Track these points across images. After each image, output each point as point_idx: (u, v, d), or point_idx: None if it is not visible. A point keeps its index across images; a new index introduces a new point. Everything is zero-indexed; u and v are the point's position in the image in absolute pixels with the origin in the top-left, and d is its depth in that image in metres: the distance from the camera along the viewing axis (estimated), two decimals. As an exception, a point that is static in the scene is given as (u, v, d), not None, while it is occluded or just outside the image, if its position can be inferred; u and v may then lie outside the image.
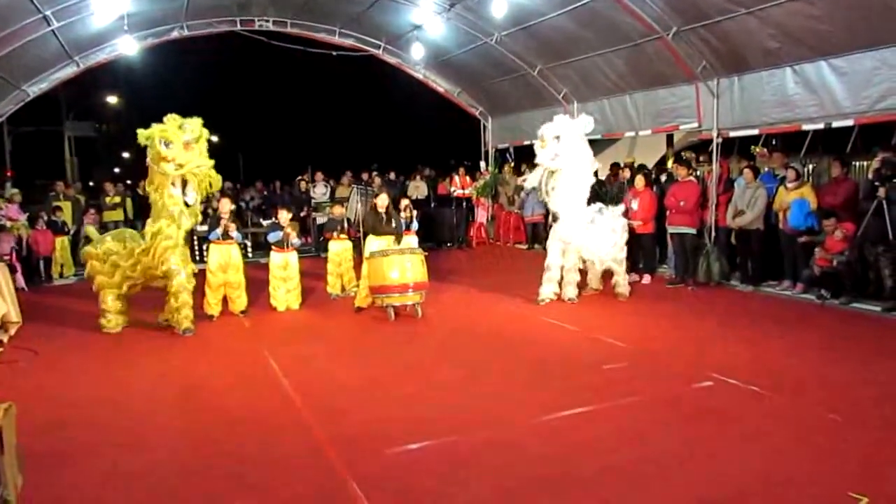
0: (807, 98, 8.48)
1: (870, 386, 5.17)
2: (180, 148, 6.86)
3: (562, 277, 8.33)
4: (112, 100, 27.74)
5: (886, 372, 5.49)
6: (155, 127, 6.97)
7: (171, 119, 6.97)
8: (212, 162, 7.22)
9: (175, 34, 12.93)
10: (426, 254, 8.19)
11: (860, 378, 5.36)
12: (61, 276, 11.57)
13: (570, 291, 8.39)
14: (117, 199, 14.21)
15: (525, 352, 6.32)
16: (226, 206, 8.32)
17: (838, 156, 9.15)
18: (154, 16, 11.99)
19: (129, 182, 18.36)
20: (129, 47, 12.29)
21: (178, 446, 4.36)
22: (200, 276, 8.29)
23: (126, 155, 39.12)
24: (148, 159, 7.09)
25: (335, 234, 9.33)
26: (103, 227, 14.36)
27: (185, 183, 7.11)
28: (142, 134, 7.00)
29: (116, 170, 36.82)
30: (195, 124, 7.03)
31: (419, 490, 3.70)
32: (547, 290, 8.25)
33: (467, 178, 15.39)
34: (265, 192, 16.12)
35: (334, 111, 32.45)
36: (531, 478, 3.78)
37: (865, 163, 10.22)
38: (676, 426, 4.49)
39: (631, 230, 9.79)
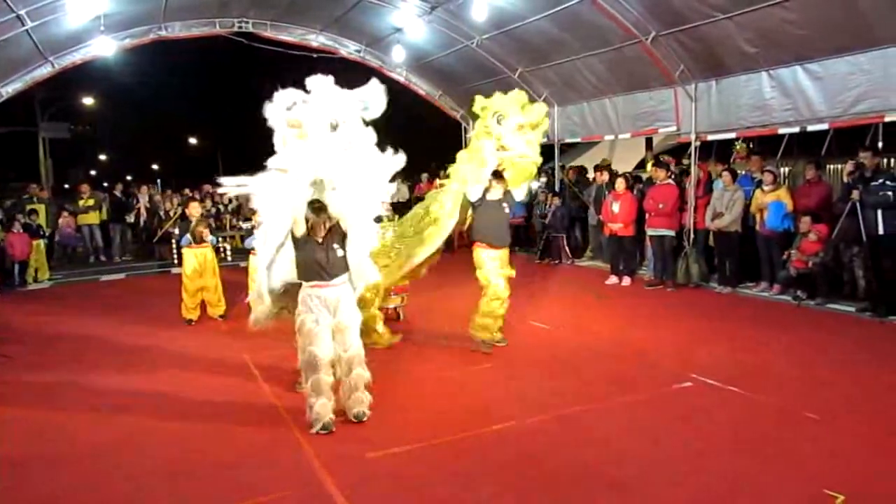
0: (783, 102, 8.60)
1: (845, 385, 5.25)
2: (513, 128, 6.00)
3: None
4: (88, 101, 27.32)
5: (862, 371, 5.58)
6: (497, 96, 6.18)
7: (516, 94, 6.17)
8: (539, 159, 6.37)
9: (153, 35, 12.78)
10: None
11: (836, 377, 5.44)
12: (36, 280, 11.34)
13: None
14: (91, 202, 13.99)
15: (506, 354, 6.33)
16: (195, 210, 8.21)
17: (812, 159, 9.30)
18: (131, 16, 11.82)
19: (105, 184, 18.07)
20: (105, 48, 12.10)
21: (158, 452, 4.29)
22: (177, 281, 8.22)
23: (102, 157, 38.62)
24: (471, 133, 6.36)
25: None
26: (77, 230, 14.21)
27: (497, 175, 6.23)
28: (479, 101, 6.21)
29: (93, 172, 36.34)
30: (538, 109, 6.18)
31: (401, 494, 3.68)
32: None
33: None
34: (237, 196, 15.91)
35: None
36: (514, 480, 3.78)
37: (840, 166, 10.39)
38: (656, 427, 4.52)
39: (612, 233, 9.90)
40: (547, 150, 14.36)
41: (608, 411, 4.83)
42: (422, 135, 25.94)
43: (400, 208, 13.05)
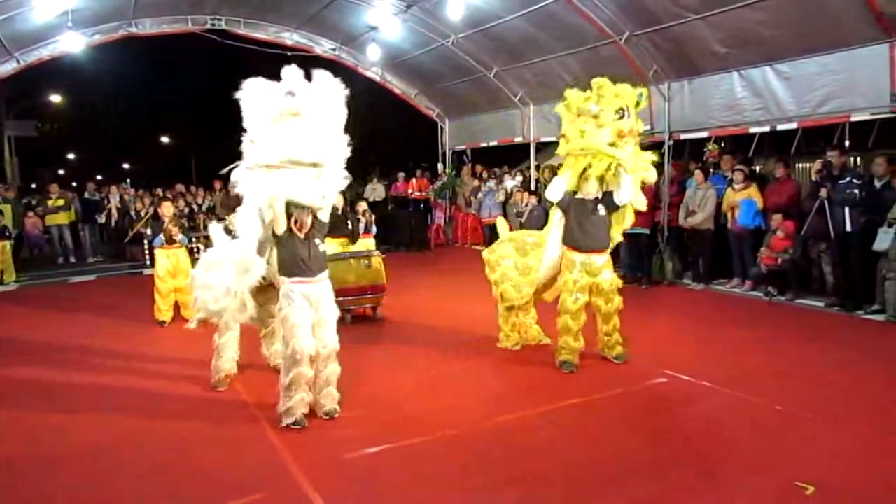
0: (753, 102, 8.77)
1: (815, 379, 5.35)
2: (594, 119, 5.34)
3: None
4: (56, 98, 26.77)
5: (830, 365, 5.72)
6: (574, 91, 5.61)
7: (602, 80, 5.49)
8: (639, 154, 5.42)
9: (123, 32, 12.55)
10: (384, 256, 8.14)
11: (806, 371, 5.56)
12: (2, 282, 11.05)
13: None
14: (60, 202, 13.67)
15: (483, 353, 6.33)
16: (167, 210, 8.08)
17: (781, 157, 9.49)
18: (100, 12, 11.61)
19: (74, 184, 17.68)
20: (73, 44, 11.85)
21: (131, 454, 4.22)
22: (150, 283, 8.09)
23: (71, 156, 37.81)
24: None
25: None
26: (45, 231, 13.91)
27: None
28: (566, 99, 5.62)
29: (61, 171, 35.58)
30: (626, 92, 5.41)
31: (378, 494, 3.66)
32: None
33: (424, 179, 15.40)
34: (212, 195, 15.61)
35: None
36: (490, 479, 3.79)
37: (808, 164, 10.62)
38: (631, 422, 4.57)
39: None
40: (523, 149, 14.53)
41: (585, 408, 4.86)
42: (398, 134, 25.91)
43: (376, 207, 13.03)
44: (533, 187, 12.89)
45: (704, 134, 9.97)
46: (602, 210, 5.66)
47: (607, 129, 5.38)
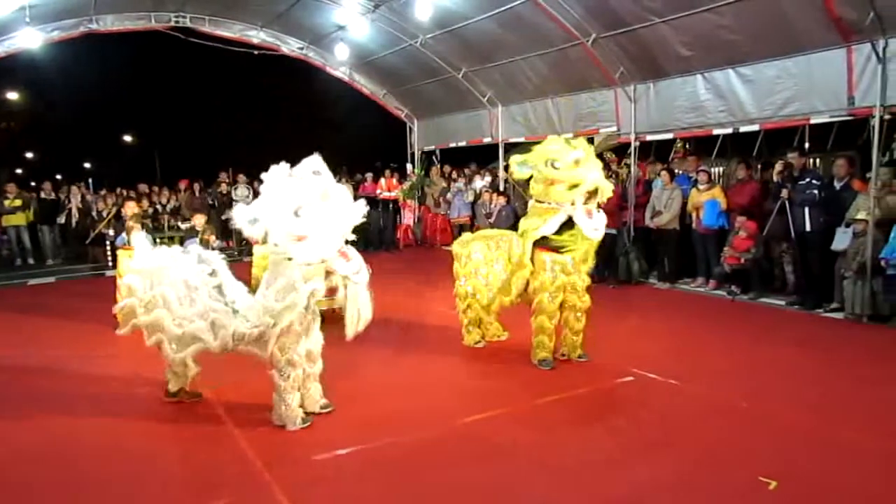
0: (717, 104, 8.93)
1: (777, 375, 5.48)
2: (571, 165, 5.56)
3: None
4: (13, 96, 26.02)
5: (791, 361, 5.87)
6: (536, 148, 5.76)
7: (552, 138, 5.88)
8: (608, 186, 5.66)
9: (83, 28, 12.23)
10: (353, 256, 8.06)
11: (768, 368, 5.69)
12: (-44, 285, 10.70)
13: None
14: (18, 203, 13.25)
15: (455, 353, 6.34)
16: (131, 209, 7.90)
17: (743, 158, 9.71)
18: (60, 8, 11.29)
19: (32, 184, 17.17)
20: (31, 41, 11.51)
21: (100, 457, 4.12)
22: (112, 285, 7.90)
23: (30, 155, 36.74)
24: (531, 191, 5.84)
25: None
26: (3, 232, 13.48)
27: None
28: (515, 161, 5.76)
29: (18, 171, 34.53)
30: (578, 142, 5.72)
31: (348, 497, 3.63)
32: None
33: (393, 180, 15.35)
34: (177, 195, 15.31)
35: (256, 110, 31.62)
36: (462, 481, 3.78)
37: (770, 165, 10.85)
38: (601, 422, 4.61)
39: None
40: (491, 150, 14.58)
41: (552, 407, 4.89)
42: (366, 134, 25.78)
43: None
44: (502, 188, 12.95)
45: (670, 135, 10.13)
46: None
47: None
